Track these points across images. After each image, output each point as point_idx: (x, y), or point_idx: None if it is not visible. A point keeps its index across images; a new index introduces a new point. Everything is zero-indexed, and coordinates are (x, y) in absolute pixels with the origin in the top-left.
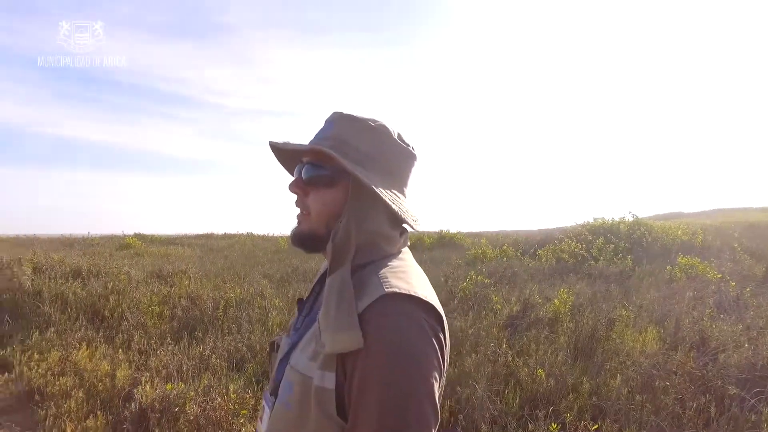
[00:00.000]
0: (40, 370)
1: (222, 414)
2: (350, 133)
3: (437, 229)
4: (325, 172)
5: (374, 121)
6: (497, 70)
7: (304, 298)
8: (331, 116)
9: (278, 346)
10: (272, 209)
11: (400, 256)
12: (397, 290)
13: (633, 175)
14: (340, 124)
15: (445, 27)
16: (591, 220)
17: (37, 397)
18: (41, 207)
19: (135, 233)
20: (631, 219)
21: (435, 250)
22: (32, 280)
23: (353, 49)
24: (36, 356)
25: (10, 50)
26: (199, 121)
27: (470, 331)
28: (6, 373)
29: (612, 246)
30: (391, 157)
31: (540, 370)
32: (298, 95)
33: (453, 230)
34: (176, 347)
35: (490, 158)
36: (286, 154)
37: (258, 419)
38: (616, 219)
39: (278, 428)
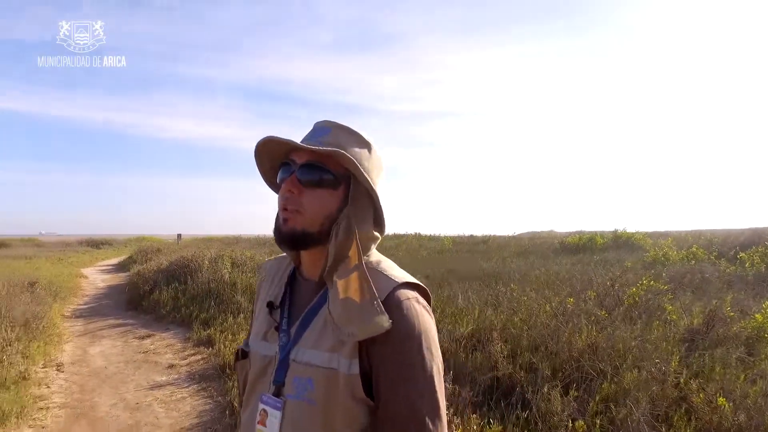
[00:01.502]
0: (231, 349)
1: None
2: (349, 143)
3: (612, 229)
4: (329, 176)
5: (364, 135)
6: (685, 57)
7: (275, 301)
8: (325, 123)
9: (242, 353)
10: (439, 210)
11: (377, 252)
12: (405, 280)
13: None
14: (338, 134)
15: (624, 12)
16: None
17: (228, 370)
18: (245, 211)
19: None
20: None
21: (608, 251)
22: (230, 273)
23: (516, 43)
24: (230, 336)
25: (219, 80)
26: (372, 128)
27: (633, 343)
28: (210, 348)
29: None
30: (376, 170)
31: (722, 399)
32: (464, 94)
33: (630, 229)
34: None
35: (684, 151)
36: (269, 150)
37: (255, 423)
38: None
39: (303, 426)
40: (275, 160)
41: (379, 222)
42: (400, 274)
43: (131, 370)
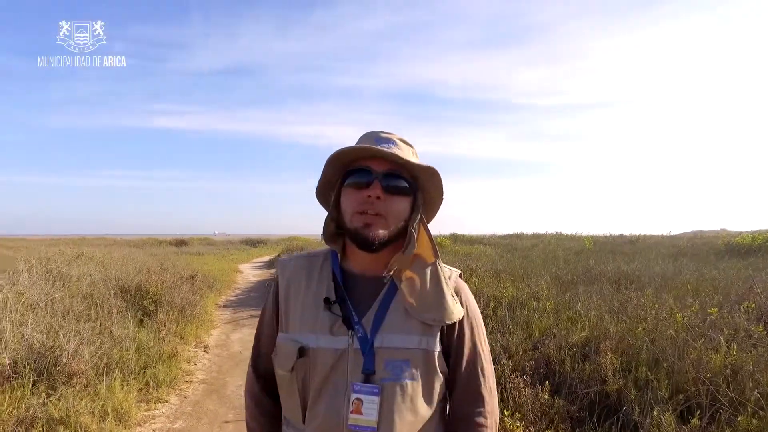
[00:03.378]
0: None
1: None
2: (411, 155)
3: None
4: (405, 184)
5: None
6: None
7: (331, 298)
8: (388, 135)
9: (302, 350)
10: (584, 208)
11: None
12: (459, 271)
13: None
14: (402, 146)
15: None
16: None
17: None
18: None
19: (451, 233)
20: None
21: None
22: None
23: (671, 18)
24: None
25: (367, 87)
26: (512, 124)
27: None
28: None
29: None
30: None
31: None
32: (613, 82)
33: None
34: None
35: None
36: (341, 155)
37: (344, 414)
38: None
39: (401, 403)
40: (340, 165)
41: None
42: (453, 267)
43: None
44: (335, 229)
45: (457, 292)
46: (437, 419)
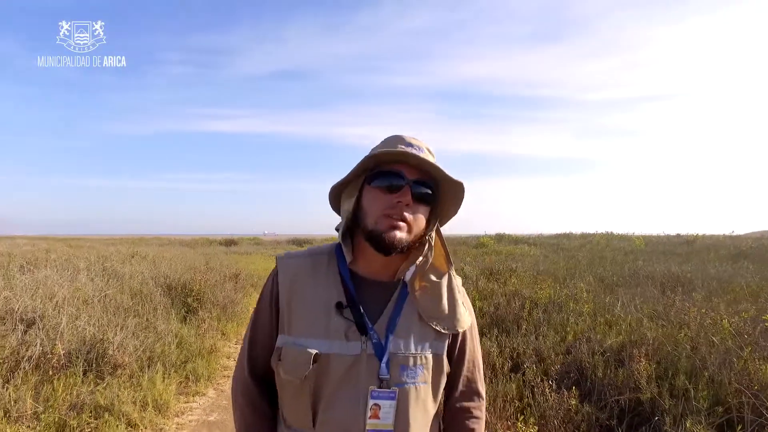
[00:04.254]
0: None
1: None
2: (434, 165)
3: None
4: (430, 194)
5: None
6: None
7: (343, 302)
8: (417, 141)
9: (316, 357)
10: (641, 207)
11: None
12: (461, 279)
13: None
14: (428, 156)
15: None
16: None
17: None
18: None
19: (496, 233)
20: None
21: None
22: None
23: (739, 5)
24: None
25: (414, 87)
26: (569, 121)
27: None
28: None
29: None
30: None
31: None
32: (675, 73)
33: None
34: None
35: None
36: (378, 158)
37: (361, 419)
38: None
39: (414, 406)
40: (370, 165)
41: None
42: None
43: None
44: (346, 228)
45: (464, 301)
46: (436, 412)
